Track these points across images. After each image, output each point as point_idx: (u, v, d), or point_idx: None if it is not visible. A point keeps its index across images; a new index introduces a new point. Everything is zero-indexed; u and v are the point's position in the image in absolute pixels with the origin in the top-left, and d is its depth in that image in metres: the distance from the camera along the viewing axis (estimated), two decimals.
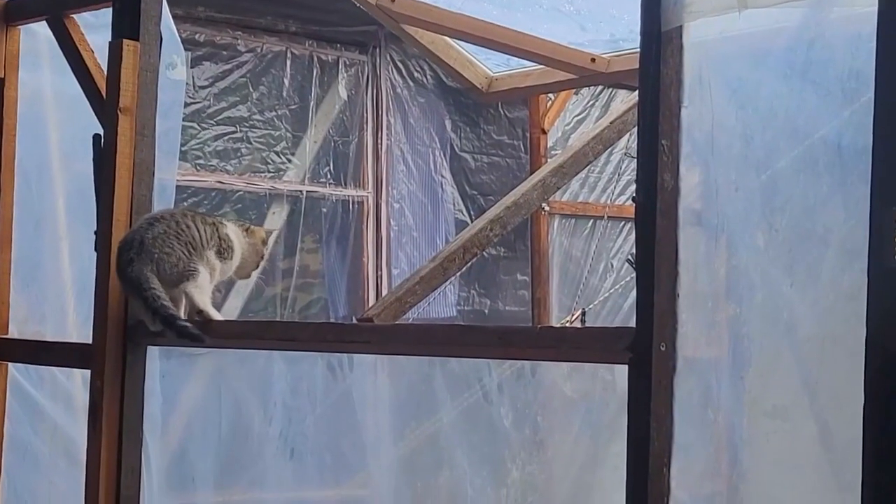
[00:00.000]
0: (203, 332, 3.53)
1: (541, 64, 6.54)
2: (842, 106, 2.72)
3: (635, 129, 2.98)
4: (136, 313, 3.73)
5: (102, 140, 3.94)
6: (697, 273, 2.75)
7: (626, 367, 2.76)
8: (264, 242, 3.95)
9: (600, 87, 7.95)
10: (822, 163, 2.71)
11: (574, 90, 7.75)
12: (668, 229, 2.74)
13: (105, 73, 3.96)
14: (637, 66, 2.86)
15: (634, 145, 2.91)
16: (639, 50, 2.85)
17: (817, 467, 2.71)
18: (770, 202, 2.76)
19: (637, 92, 2.86)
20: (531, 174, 7.35)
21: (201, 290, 3.67)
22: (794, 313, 2.73)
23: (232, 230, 3.88)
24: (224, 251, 3.79)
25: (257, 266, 3.93)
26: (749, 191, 2.78)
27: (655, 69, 2.78)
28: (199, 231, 3.75)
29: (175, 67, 4.19)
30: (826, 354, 2.69)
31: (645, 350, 2.72)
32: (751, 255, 2.78)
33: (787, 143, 2.79)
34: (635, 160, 2.85)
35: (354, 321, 3.35)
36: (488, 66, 6.93)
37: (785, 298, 2.73)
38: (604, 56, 6.28)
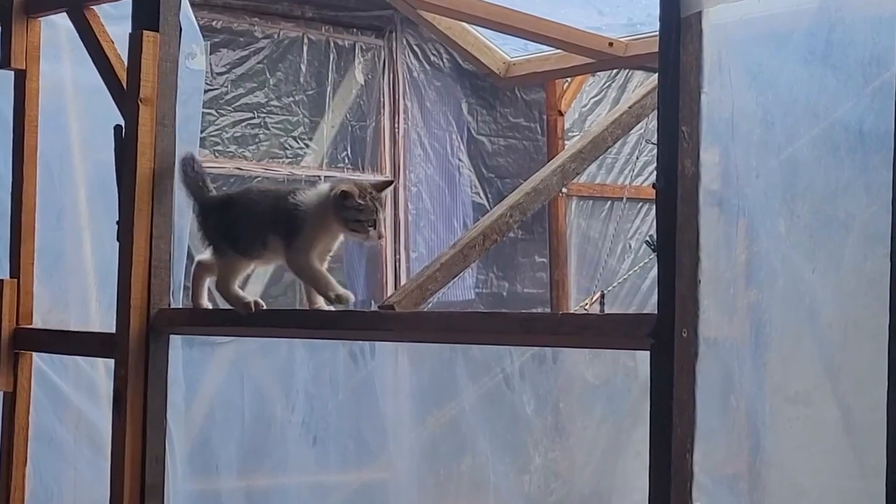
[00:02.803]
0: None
1: (558, 48, 6.53)
2: (863, 90, 2.72)
3: (654, 113, 2.97)
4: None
5: (123, 130, 3.95)
6: (719, 259, 2.75)
7: (647, 353, 2.76)
8: None
9: (617, 69, 7.93)
10: (844, 147, 2.71)
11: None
12: (689, 215, 2.74)
13: (125, 63, 3.97)
14: (655, 49, 2.86)
15: (654, 129, 2.90)
16: (656, 33, 2.85)
17: (840, 452, 2.71)
18: (791, 187, 2.76)
19: (655, 75, 2.85)
20: (548, 156, 7.36)
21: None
22: (816, 299, 2.73)
23: None
24: None
25: None
26: (770, 176, 2.78)
27: (675, 55, 2.77)
28: None
29: (194, 57, 4.20)
30: (849, 339, 2.69)
31: (667, 336, 2.72)
32: (772, 241, 2.78)
33: (808, 128, 2.79)
34: (655, 146, 2.85)
35: (375, 308, 3.35)
36: (506, 50, 6.93)
37: (807, 284, 2.73)
38: (621, 40, 6.28)
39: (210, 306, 3.68)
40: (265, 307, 3.53)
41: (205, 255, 3.71)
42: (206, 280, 3.72)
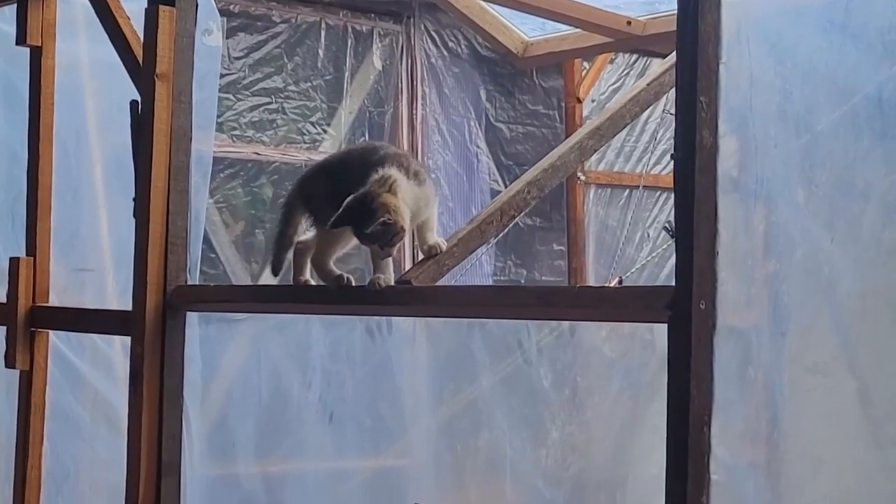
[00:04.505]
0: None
1: (576, 27, 6.51)
2: (882, 59, 2.70)
3: (672, 90, 2.95)
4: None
5: (139, 107, 3.95)
6: (737, 230, 2.73)
7: (665, 326, 2.75)
8: None
9: (635, 56, 7.91)
10: (863, 117, 2.69)
11: (609, 59, 7.72)
12: (706, 186, 2.72)
13: (141, 39, 3.97)
14: (673, 28, 2.84)
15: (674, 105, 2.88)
16: (674, 12, 2.83)
17: (858, 423, 2.70)
18: (810, 157, 2.74)
19: (674, 53, 2.84)
20: None
21: None
22: (835, 269, 2.71)
23: None
24: None
25: None
26: (788, 146, 2.76)
27: (693, 25, 2.75)
28: None
29: (211, 33, 4.19)
30: (867, 309, 2.67)
31: (685, 308, 2.70)
32: (790, 212, 2.75)
33: (827, 97, 2.77)
34: (674, 117, 2.83)
35: (392, 283, 3.34)
36: (523, 30, 6.91)
37: (825, 254, 2.71)
38: (639, 19, 6.25)
39: (312, 282, 3.64)
40: (353, 283, 3.49)
41: (305, 236, 3.65)
42: (307, 257, 3.65)
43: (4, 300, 4.37)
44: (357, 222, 3.29)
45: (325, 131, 6.95)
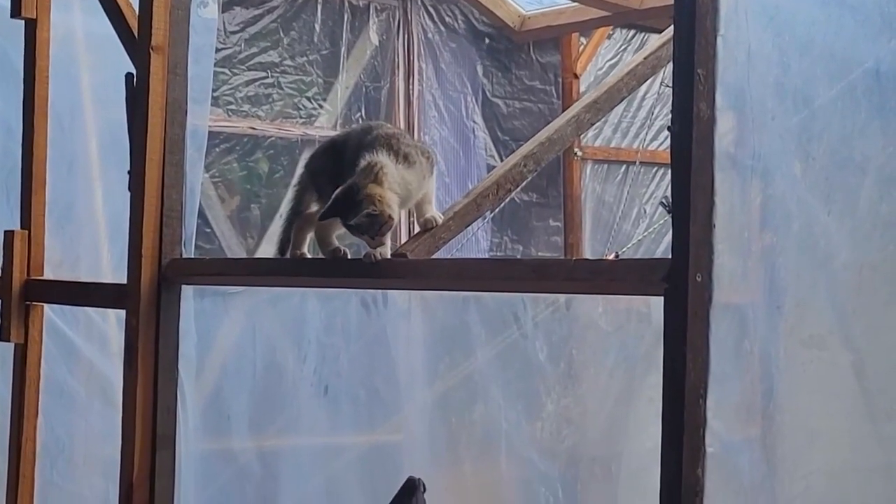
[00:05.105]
0: None
1: (573, 1, 6.49)
2: (881, 32, 2.68)
3: (670, 65, 2.94)
4: None
5: (135, 79, 3.93)
6: (733, 203, 2.72)
7: (661, 299, 2.74)
8: None
9: (633, 32, 7.89)
10: (861, 89, 2.68)
11: (607, 34, 7.70)
12: (703, 159, 2.71)
13: (136, 12, 3.95)
14: (671, 1, 2.82)
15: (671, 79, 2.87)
16: None
17: (853, 396, 2.69)
18: (807, 130, 2.73)
19: (671, 27, 2.82)
20: None
21: None
22: (831, 242, 2.70)
23: None
24: None
25: None
26: (786, 118, 2.74)
27: None
28: None
29: (206, 6, 4.18)
30: (863, 283, 2.66)
31: (681, 281, 2.69)
32: (787, 184, 2.74)
33: (825, 71, 2.75)
34: (671, 91, 2.81)
35: (388, 255, 3.32)
36: (520, 4, 6.89)
37: (822, 227, 2.71)
38: None
39: (308, 256, 3.62)
40: (348, 256, 3.47)
41: (312, 208, 3.62)
42: (308, 232, 3.63)
43: None
44: (344, 214, 3.28)
45: (321, 106, 6.94)
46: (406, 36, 7.22)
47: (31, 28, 4.36)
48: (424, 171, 3.42)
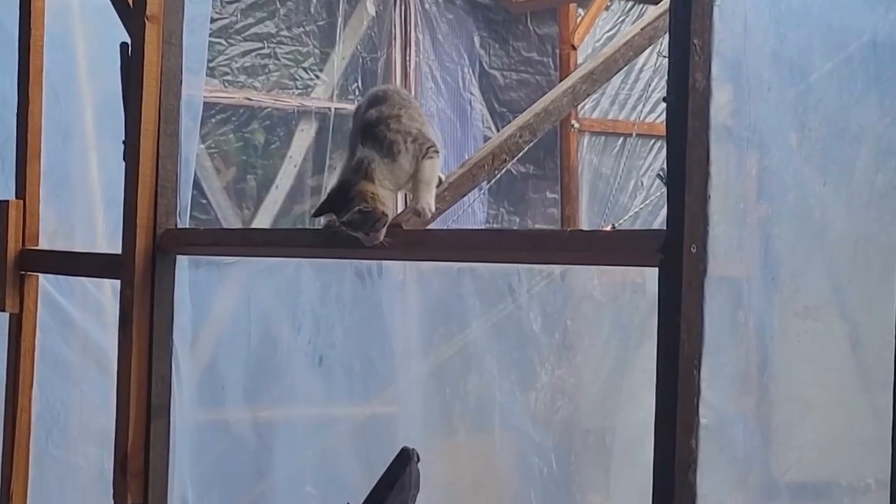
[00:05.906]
0: None
1: None
2: (878, 2, 2.68)
3: (666, 36, 2.93)
4: None
5: (129, 49, 3.92)
6: (729, 174, 2.72)
7: (656, 269, 2.74)
8: None
9: (631, 3, 7.88)
10: (857, 60, 2.67)
11: (605, 5, 7.68)
12: (699, 130, 2.70)
13: None
14: None
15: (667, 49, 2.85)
16: None
17: (847, 367, 2.70)
18: (803, 101, 2.73)
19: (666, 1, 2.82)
20: None
21: None
22: (827, 213, 2.70)
23: None
24: None
25: None
26: (782, 89, 2.74)
27: None
28: None
29: None
30: (858, 254, 2.66)
31: (676, 252, 2.69)
32: (783, 155, 2.74)
33: (822, 41, 2.75)
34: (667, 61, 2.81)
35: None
36: None
37: (817, 198, 2.71)
38: None
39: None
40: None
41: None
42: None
43: None
44: (337, 211, 3.27)
45: (317, 77, 6.92)
46: (403, 6, 7.20)
47: None
48: (412, 156, 3.36)
